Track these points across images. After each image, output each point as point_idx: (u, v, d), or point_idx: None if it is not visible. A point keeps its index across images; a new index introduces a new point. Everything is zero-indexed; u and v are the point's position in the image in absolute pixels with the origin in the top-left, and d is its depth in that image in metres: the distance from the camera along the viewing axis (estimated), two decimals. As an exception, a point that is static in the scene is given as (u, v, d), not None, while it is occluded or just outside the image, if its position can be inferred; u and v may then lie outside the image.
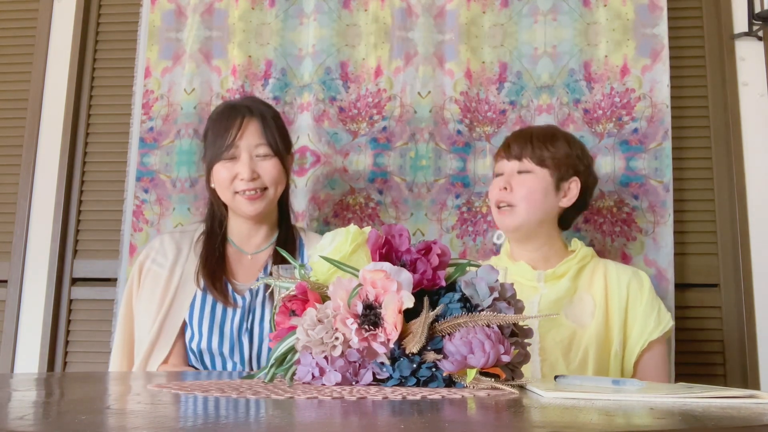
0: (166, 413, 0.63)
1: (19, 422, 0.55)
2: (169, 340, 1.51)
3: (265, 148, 1.53)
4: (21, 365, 1.96)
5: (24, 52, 2.11)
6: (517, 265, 1.54)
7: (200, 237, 1.61)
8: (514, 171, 1.53)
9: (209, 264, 1.54)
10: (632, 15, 1.87)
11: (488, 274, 0.95)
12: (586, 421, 0.60)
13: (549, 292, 1.50)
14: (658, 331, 1.48)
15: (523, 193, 1.51)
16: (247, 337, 1.50)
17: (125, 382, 1.02)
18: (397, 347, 0.90)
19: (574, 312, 1.49)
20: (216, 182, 1.55)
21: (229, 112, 1.56)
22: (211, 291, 1.52)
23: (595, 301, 1.50)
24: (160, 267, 1.56)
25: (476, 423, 0.61)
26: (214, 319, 1.51)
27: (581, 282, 1.52)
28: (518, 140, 1.55)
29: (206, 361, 1.52)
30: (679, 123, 1.86)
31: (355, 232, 1.00)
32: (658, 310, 1.50)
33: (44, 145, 2.05)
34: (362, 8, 1.96)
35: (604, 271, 1.53)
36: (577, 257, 1.53)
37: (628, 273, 1.53)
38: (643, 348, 1.47)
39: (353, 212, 1.88)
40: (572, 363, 1.45)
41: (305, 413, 0.65)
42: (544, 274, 1.52)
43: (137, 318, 1.57)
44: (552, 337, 1.46)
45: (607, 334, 1.48)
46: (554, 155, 1.52)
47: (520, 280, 1.52)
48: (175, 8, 2.01)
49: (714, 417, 0.62)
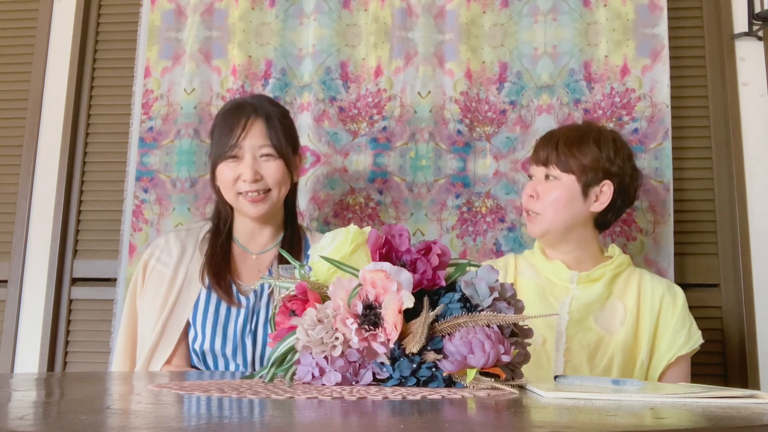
0: (166, 413, 0.63)
1: (19, 422, 0.55)
2: (172, 340, 1.49)
3: (268, 149, 1.51)
4: (21, 365, 1.96)
5: (24, 52, 2.11)
6: (552, 264, 1.53)
7: (206, 235, 1.59)
8: (541, 177, 1.52)
9: (214, 262, 1.53)
10: (632, 15, 1.87)
11: (488, 274, 0.95)
12: (586, 421, 0.60)
13: (581, 295, 1.49)
14: (687, 348, 1.47)
15: (549, 201, 1.49)
16: (251, 339, 1.49)
17: (125, 382, 1.02)
18: (397, 347, 0.90)
19: (604, 318, 1.48)
20: (220, 182, 1.54)
21: (235, 110, 1.54)
22: (216, 289, 1.51)
23: (627, 310, 1.48)
24: (165, 266, 1.55)
25: (476, 423, 0.61)
26: (218, 320, 1.50)
27: (615, 289, 1.51)
28: (545, 145, 1.52)
29: (209, 362, 1.51)
30: (679, 123, 1.86)
31: (355, 232, 1.00)
32: (689, 326, 1.48)
33: (44, 145, 2.05)
34: (362, 8, 1.96)
35: (638, 281, 1.52)
36: (614, 263, 1.51)
37: (663, 285, 1.52)
38: (670, 362, 1.46)
39: (353, 212, 1.88)
40: (596, 368, 1.45)
41: (305, 413, 0.65)
42: (578, 276, 1.50)
43: (140, 317, 1.56)
44: (579, 340, 1.45)
45: (634, 343, 1.47)
46: (580, 162, 1.48)
47: (552, 278, 1.52)
48: (175, 8, 2.01)
49: (714, 417, 0.62)
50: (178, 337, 1.50)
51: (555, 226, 1.49)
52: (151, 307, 1.53)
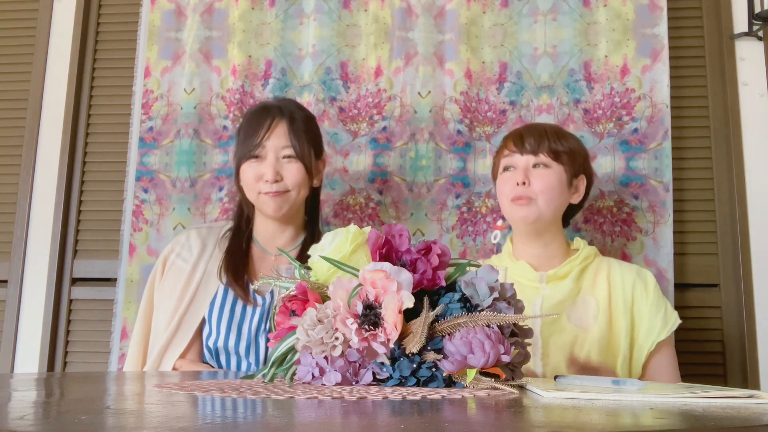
0: (166, 413, 0.63)
1: (19, 422, 0.55)
2: (187, 335, 1.52)
3: (290, 150, 1.53)
4: (21, 365, 1.96)
5: (24, 52, 2.11)
6: (518, 265, 1.52)
7: (226, 233, 1.62)
8: (529, 165, 1.50)
9: (233, 260, 1.56)
10: (632, 15, 1.87)
11: (488, 274, 0.95)
12: (586, 421, 0.60)
13: (551, 294, 1.48)
14: (665, 332, 1.45)
15: (542, 187, 1.48)
16: (264, 338, 1.51)
17: (125, 382, 1.02)
18: (397, 347, 0.90)
19: (577, 314, 1.46)
20: (243, 181, 1.56)
21: (262, 112, 1.57)
22: (233, 286, 1.53)
23: (599, 303, 1.47)
24: (184, 261, 1.58)
25: (476, 423, 0.61)
26: (233, 318, 1.52)
27: (584, 283, 1.50)
28: (533, 134, 1.51)
29: (222, 360, 1.53)
30: (679, 123, 1.86)
31: (355, 232, 1.00)
32: (664, 309, 1.46)
33: (44, 145, 2.05)
34: (362, 8, 1.96)
35: (607, 272, 1.50)
36: (580, 257, 1.50)
37: (632, 272, 1.50)
38: (651, 350, 1.44)
39: (353, 212, 1.88)
40: (574, 365, 1.43)
41: (305, 413, 0.65)
42: (546, 275, 1.49)
43: (156, 311, 1.58)
44: (554, 340, 1.44)
45: (611, 337, 1.45)
46: (568, 151, 1.50)
47: (520, 280, 1.50)
48: (175, 8, 2.01)
49: (714, 417, 0.62)
50: (193, 333, 1.52)
51: (547, 213, 1.48)
52: (168, 301, 1.56)
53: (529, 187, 1.48)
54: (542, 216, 1.48)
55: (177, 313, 1.53)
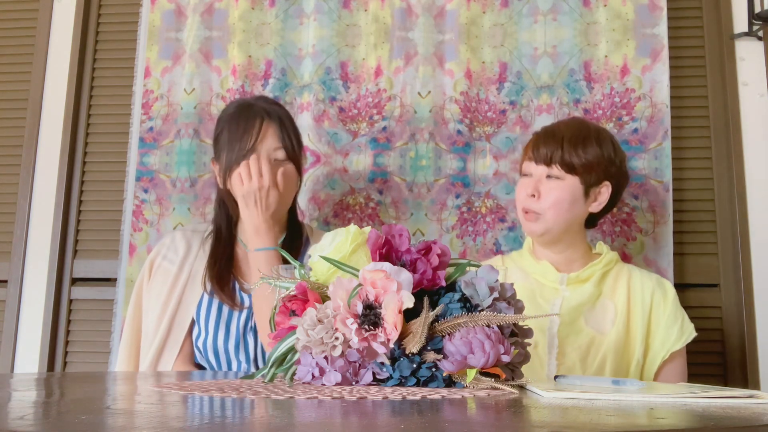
0: (166, 413, 0.63)
1: (19, 422, 0.55)
2: (179, 337, 1.53)
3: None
4: (21, 365, 1.96)
5: (24, 52, 2.11)
6: (541, 265, 1.52)
7: (209, 236, 1.62)
8: (542, 176, 1.47)
9: (217, 267, 1.55)
10: (632, 15, 1.87)
11: (488, 274, 0.95)
12: (586, 421, 0.60)
13: (571, 296, 1.47)
14: (680, 343, 1.45)
15: (551, 201, 1.45)
16: (252, 336, 1.52)
17: (125, 382, 1.02)
18: (397, 347, 0.90)
19: (595, 318, 1.47)
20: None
21: (247, 113, 1.54)
22: (218, 294, 1.53)
23: (617, 309, 1.47)
24: (171, 263, 1.59)
25: (476, 423, 0.61)
26: (221, 317, 1.53)
27: (605, 288, 1.49)
28: (548, 143, 1.47)
29: (211, 359, 1.54)
30: (679, 123, 1.86)
31: (355, 232, 1.00)
32: (681, 320, 1.47)
33: (44, 145, 2.05)
34: (362, 8, 1.96)
35: (627, 278, 1.50)
36: (603, 262, 1.50)
37: (652, 281, 1.50)
38: (665, 359, 1.45)
39: (353, 212, 1.88)
40: (589, 369, 1.44)
41: (305, 413, 0.65)
42: (567, 277, 1.49)
43: (145, 312, 1.59)
44: (571, 342, 1.45)
45: (626, 342, 1.46)
46: (585, 162, 1.45)
47: (541, 280, 1.50)
48: (175, 8, 2.01)
49: (714, 417, 0.62)
50: (185, 334, 1.54)
51: (556, 227, 1.47)
52: (156, 302, 1.57)
53: (538, 201, 1.47)
54: (550, 230, 1.48)
55: (166, 315, 1.54)
